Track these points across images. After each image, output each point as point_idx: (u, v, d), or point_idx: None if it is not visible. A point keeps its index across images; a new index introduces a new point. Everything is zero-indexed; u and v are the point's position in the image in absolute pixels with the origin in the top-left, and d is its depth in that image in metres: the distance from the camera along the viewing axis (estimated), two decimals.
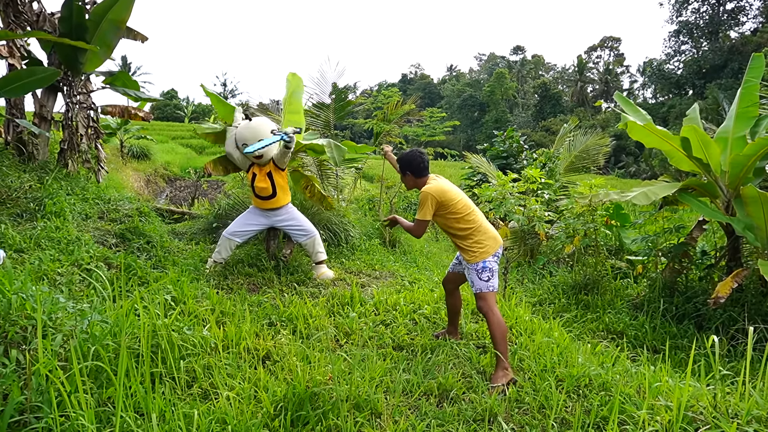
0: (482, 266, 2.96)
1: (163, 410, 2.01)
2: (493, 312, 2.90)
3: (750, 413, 2.11)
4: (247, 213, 4.73)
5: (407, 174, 3.14)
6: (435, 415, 2.40)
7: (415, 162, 3.09)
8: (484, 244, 2.99)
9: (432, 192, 2.98)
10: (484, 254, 2.97)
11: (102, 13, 5.57)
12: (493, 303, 2.93)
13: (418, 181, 3.13)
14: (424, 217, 3.00)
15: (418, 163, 3.09)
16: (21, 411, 1.75)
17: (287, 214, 4.67)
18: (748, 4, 42.71)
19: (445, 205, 2.99)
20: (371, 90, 56.28)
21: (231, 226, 4.65)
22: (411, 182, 3.17)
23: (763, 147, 3.88)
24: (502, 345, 2.82)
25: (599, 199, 4.96)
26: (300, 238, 4.73)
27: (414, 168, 3.10)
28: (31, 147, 5.80)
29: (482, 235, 3.01)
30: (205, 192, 13.57)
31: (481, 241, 2.99)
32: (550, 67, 69.69)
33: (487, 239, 3.01)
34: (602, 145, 8.31)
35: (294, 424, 2.17)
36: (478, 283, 2.96)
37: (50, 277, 3.34)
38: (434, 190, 2.99)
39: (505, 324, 2.90)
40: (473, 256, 2.98)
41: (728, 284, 3.82)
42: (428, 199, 2.97)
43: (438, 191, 2.99)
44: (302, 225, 4.72)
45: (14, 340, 1.97)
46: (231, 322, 3.09)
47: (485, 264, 2.96)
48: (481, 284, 2.95)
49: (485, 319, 2.97)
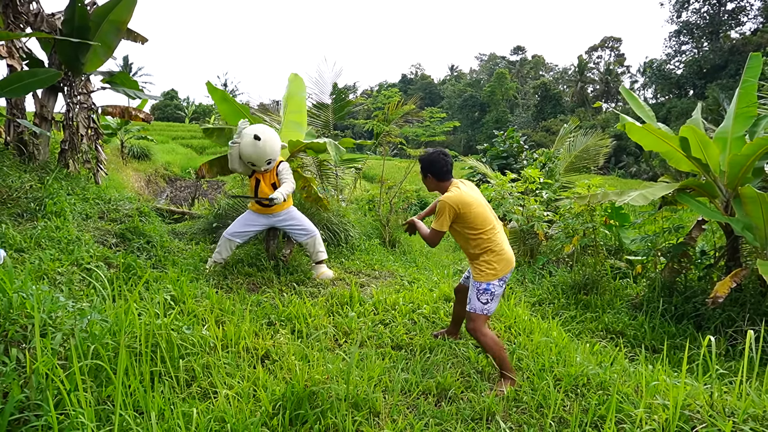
0: (485, 288, 2.82)
1: (162, 409, 2.02)
2: (481, 333, 2.79)
3: (746, 412, 2.11)
4: (248, 214, 4.73)
5: (428, 176, 2.94)
6: (433, 414, 2.40)
7: (438, 164, 2.89)
8: (494, 266, 2.82)
9: (451, 202, 2.78)
10: (491, 276, 2.81)
11: (104, 14, 5.59)
12: (482, 325, 2.81)
13: (440, 185, 2.94)
14: (441, 228, 2.82)
15: (440, 166, 2.89)
16: (21, 409, 1.76)
17: (287, 215, 4.68)
18: (749, 4, 42.73)
19: (464, 217, 2.81)
20: (372, 90, 56.31)
21: (231, 227, 4.65)
22: (432, 185, 2.97)
23: (761, 147, 3.88)
24: (501, 361, 2.75)
25: (598, 200, 4.97)
26: (301, 237, 4.73)
27: (436, 170, 2.90)
28: (32, 147, 5.82)
29: (495, 255, 2.83)
30: (206, 192, 13.60)
31: (492, 262, 2.83)
32: (551, 68, 69.73)
33: (499, 261, 2.83)
34: (602, 146, 8.32)
35: (292, 422, 2.18)
36: (474, 302, 2.84)
37: (50, 277, 3.35)
38: (454, 200, 2.79)
39: (498, 341, 2.81)
40: (480, 274, 2.84)
41: (727, 284, 3.82)
42: (446, 209, 2.78)
43: (458, 202, 2.79)
44: (303, 224, 4.73)
45: (14, 338, 1.99)
46: (230, 321, 3.10)
47: (488, 286, 2.81)
48: (476, 305, 2.83)
49: (477, 342, 2.88)
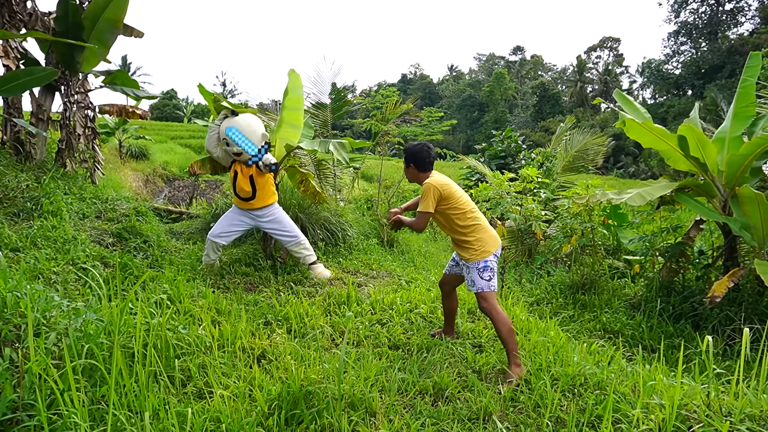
0: (484, 265, 2.93)
1: (157, 409, 2.00)
2: (497, 310, 2.87)
3: (743, 412, 2.11)
4: (231, 213, 4.54)
5: (410, 166, 3.08)
6: (430, 414, 2.39)
7: (421, 155, 3.04)
8: (486, 242, 2.96)
9: (435, 184, 2.94)
10: (485, 253, 2.94)
11: (98, 11, 5.57)
12: (495, 302, 2.91)
13: (419, 176, 3.07)
14: (426, 209, 2.95)
15: (423, 157, 3.03)
16: (14, 409, 1.75)
17: (271, 216, 4.49)
18: (747, 5, 42.81)
19: (448, 198, 2.96)
20: (371, 90, 56.29)
21: (215, 228, 4.47)
22: (413, 175, 3.11)
23: (759, 147, 3.88)
24: (510, 342, 2.81)
25: (596, 199, 4.97)
26: (286, 242, 4.58)
27: (418, 161, 3.04)
28: (29, 146, 5.80)
29: (483, 233, 2.98)
30: (203, 192, 13.58)
31: (483, 239, 2.96)
32: (550, 68, 69.81)
33: (488, 238, 2.98)
34: (599, 144, 8.31)
35: (288, 422, 2.17)
36: (479, 282, 2.92)
37: (46, 276, 3.33)
38: (437, 182, 2.96)
39: (509, 320, 2.88)
40: (474, 254, 2.94)
41: (724, 283, 3.82)
42: (431, 191, 2.93)
43: (441, 184, 2.96)
44: (287, 229, 4.55)
45: (8, 338, 1.97)
46: (227, 321, 3.09)
47: (486, 263, 2.93)
48: (482, 283, 2.92)
49: (490, 319, 2.93)
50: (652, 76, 48.89)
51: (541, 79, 58.09)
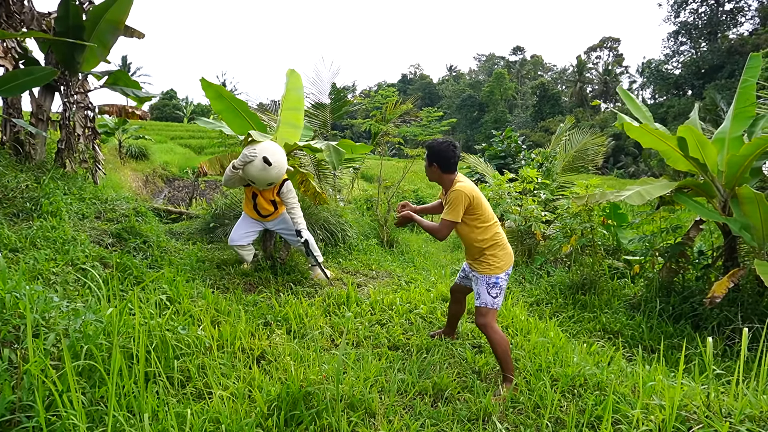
0: (494, 281, 2.82)
1: (156, 410, 2.00)
2: (493, 329, 2.77)
3: (743, 412, 2.11)
4: (243, 220, 4.63)
5: (434, 165, 2.83)
6: (429, 415, 2.39)
7: (447, 154, 2.78)
8: (501, 259, 2.84)
9: (466, 191, 2.73)
10: (498, 269, 2.82)
11: (100, 13, 5.56)
12: (493, 320, 2.80)
13: (443, 177, 2.84)
14: (455, 219, 2.75)
15: (449, 157, 2.78)
16: (12, 410, 1.75)
17: (281, 218, 4.64)
18: (746, 5, 42.82)
19: (476, 209, 2.78)
20: (370, 90, 56.27)
21: (233, 236, 4.55)
22: (435, 175, 2.87)
23: (759, 147, 3.88)
24: (504, 361, 2.73)
25: (596, 199, 4.96)
26: (295, 243, 4.65)
27: (443, 160, 2.79)
28: (28, 147, 5.79)
29: (501, 250, 2.85)
30: (203, 192, 13.57)
31: (498, 255, 2.84)
32: (549, 68, 69.82)
33: (505, 255, 2.86)
34: (599, 144, 8.30)
35: (287, 423, 2.17)
36: (485, 297, 2.82)
37: (45, 277, 3.33)
38: (468, 190, 2.75)
39: (506, 338, 2.77)
40: (487, 268, 2.83)
41: (724, 284, 3.82)
42: (462, 199, 2.72)
43: (472, 192, 2.77)
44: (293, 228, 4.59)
45: (7, 339, 1.97)
46: (226, 321, 3.09)
47: (498, 280, 2.82)
48: (487, 299, 2.81)
49: (486, 336, 2.84)
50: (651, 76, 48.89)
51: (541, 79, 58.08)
